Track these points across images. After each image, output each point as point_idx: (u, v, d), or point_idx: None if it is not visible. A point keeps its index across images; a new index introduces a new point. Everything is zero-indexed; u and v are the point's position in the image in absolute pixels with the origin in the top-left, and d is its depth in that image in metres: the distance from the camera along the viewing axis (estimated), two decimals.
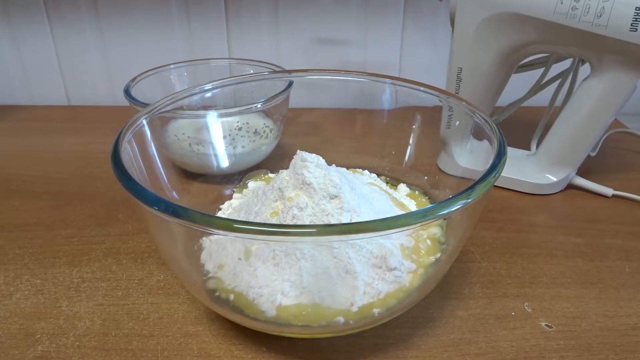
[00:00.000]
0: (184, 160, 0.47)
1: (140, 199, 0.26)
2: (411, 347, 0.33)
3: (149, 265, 0.40)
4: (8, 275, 0.39)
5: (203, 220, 0.25)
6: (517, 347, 0.33)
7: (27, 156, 0.58)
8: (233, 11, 0.69)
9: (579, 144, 0.48)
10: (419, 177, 0.45)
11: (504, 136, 0.32)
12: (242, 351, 0.32)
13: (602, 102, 0.45)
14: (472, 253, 0.41)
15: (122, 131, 0.33)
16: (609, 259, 0.41)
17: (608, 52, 0.42)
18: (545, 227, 0.45)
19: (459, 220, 0.32)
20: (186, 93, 0.40)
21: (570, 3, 0.41)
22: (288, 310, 0.30)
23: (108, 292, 0.37)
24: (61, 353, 0.32)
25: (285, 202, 0.33)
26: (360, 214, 0.34)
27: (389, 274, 0.31)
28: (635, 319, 0.35)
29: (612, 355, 0.32)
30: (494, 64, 0.46)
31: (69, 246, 0.42)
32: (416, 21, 0.69)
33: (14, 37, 0.70)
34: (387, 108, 0.46)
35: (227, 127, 0.48)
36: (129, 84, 0.49)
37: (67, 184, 0.52)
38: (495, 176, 0.29)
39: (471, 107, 0.37)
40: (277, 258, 0.31)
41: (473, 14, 0.44)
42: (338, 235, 0.26)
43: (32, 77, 0.73)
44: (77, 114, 0.71)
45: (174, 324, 0.34)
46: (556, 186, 0.50)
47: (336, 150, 0.45)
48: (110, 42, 0.71)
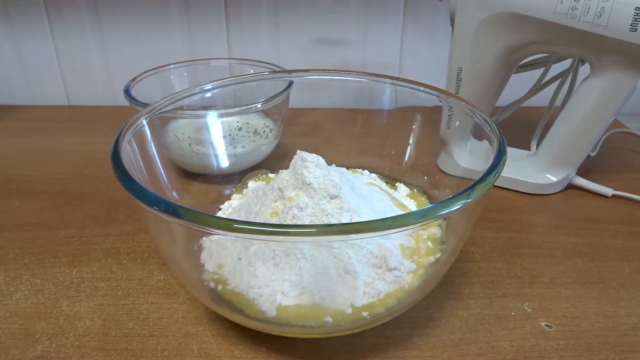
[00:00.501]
0: (184, 160, 0.47)
1: (140, 199, 0.26)
2: (411, 347, 0.33)
3: (149, 265, 0.40)
4: (8, 275, 0.39)
5: (203, 220, 0.25)
6: (517, 347, 0.33)
7: (27, 156, 0.58)
8: (233, 11, 0.69)
9: (579, 144, 0.48)
10: (419, 177, 0.45)
11: (504, 136, 0.32)
12: (242, 351, 0.32)
13: (602, 102, 0.45)
14: (472, 253, 0.41)
15: (122, 131, 0.33)
16: (609, 259, 0.41)
17: (608, 52, 0.42)
18: (545, 227, 0.45)
19: (459, 220, 0.32)
20: (186, 93, 0.40)
21: (570, 3, 0.41)
22: (288, 310, 0.30)
23: (108, 292, 0.37)
24: (61, 353, 0.32)
25: (285, 202, 0.33)
26: (360, 214, 0.34)
27: (389, 274, 0.31)
28: (635, 319, 0.35)
29: (612, 355, 0.32)
30: (494, 64, 0.46)
31: (69, 246, 0.42)
32: (416, 21, 0.69)
33: (14, 37, 0.70)
34: (387, 108, 0.46)
35: (227, 127, 0.48)
36: (129, 84, 0.49)
37: (67, 184, 0.52)
38: (495, 176, 0.29)
39: (471, 107, 0.37)
40: (277, 258, 0.31)
41: (473, 14, 0.44)
42: (338, 235, 0.26)
43: (32, 77, 0.73)
44: (77, 114, 0.71)
45: (174, 324, 0.34)
46: (556, 186, 0.50)
47: (336, 150, 0.45)
48: (110, 42, 0.71)
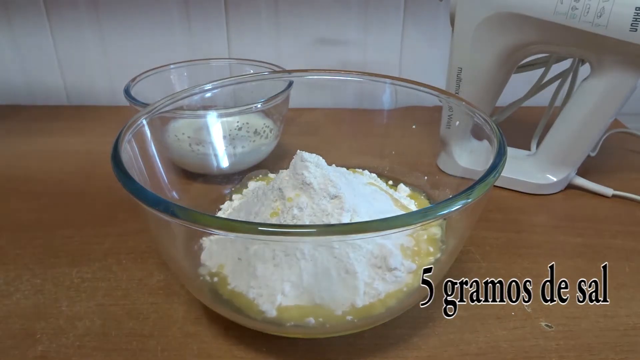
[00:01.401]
0: (184, 160, 0.47)
1: (140, 199, 0.26)
2: (411, 347, 0.33)
3: (149, 265, 0.40)
4: (8, 275, 0.39)
5: (203, 220, 0.25)
6: (517, 347, 0.33)
7: (27, 156, 0.58)
8: (233, 11, 0.68)
9: (579, 144, 0.48)
10: (419, 177, 0.45)
11: (504, 136, 0.32)
12: (242, 351, 0.32)
13: (602, 102, 0.45)
14: (472, 253, 0.41)
15: (122, 131, 0.33)
16: (609, 259, 0.41)
17: (608, 52, 0.42)
18: (545, 227, 0.45)
19: (459, 220, 0.32)
20: (186, 93, 0.40)
21: (570, 3, 0.41)
22: (288, 310, 0.30)
23: (108, 292, 0.37)
24: (61, 353, 0.32)
25: (285, 202, 0.33)
26: (360, 214, 0.34)
27: (389, 274, 0.31)
28: (635, 319, 0.35)
29: (612, 355, 0.32)
30: (494, 64, 0.46)
31: (69, 246, 0.42)
32: (416, 21, 0.69)
33: (14, 37, 0.70)
34: (387, 108, 0.46)
35: (227, 127, 0.48)
36: (129, 84, 0.49)
37: (67, 184, 0.52)
38: (495, 176, 0.29)
39: (471, 107, 0.37)
40: (277, 258, 0.31)
41: (473, 14, 0.44)
42: (338, 235, 0.26)
43: (32, 77, 0.73)
44: (77, 114, 0.71)
45: (174, 324, 0.34)
46: (556, 186, 0.50)
47: (336, 150, 0.45)
48: (110, 42, 0.71)
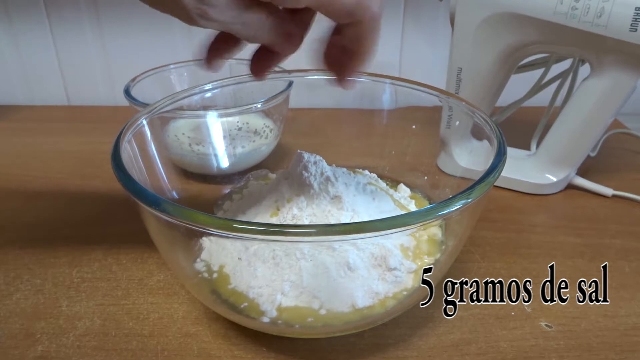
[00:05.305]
0: (184, 160, 0.47)
1: (140, 199, 0.26)
2: (411, 347, 0.33)
3: (149, 265, 0.40)
4: (8, 275, 0.39)
5: (203, 220, 0.25)
6: (517, 347, 0.33)
7: (27, 156, 0.58)
8: None
9: (579, 144, 0.48)
10: (419, 177, 0.45)
11: (504, 136, 0.32)
12: (242, 351, 0.32)
13: (602, 102, 0.45)
14: (472, 253, 0.41)
15: (122, 131, 0.33)
16: (609, 259, 0.41)
17: (608, 52, 0.42)
18: (545, 227, 0.45)
19: (459, 220, 0.32)
20: (186, 93, 0.40)
21: (570, 3, 0.41)
22: (288, 310, 0.30)
23: (108, 292, 0.37)
24: (61, 353, 0.32)
25: (285, 202, 0.33)
26: (360, 214, 0.34)
27: (389, 274, 0.31)
28: (635, 319, 0.35)
29: (612, 355, 0.32)
30: (494, 64, 0.46)
31: (69, 246, 0.42)
32: (416, 21, 0.69)
33: (14, 37, 0.70)
34: (387, 108, 0.46)
35: (227, 127, 0.48)
36: (129, 84, 0.49)
37: (67, 184, 0.52)
38: (495, 176, 0.29)
39: (471, 107, 0.37)
40: (277, 258, 0.31)
41: (473, 14, 0.44)
42: (338, 235, 0.26)
43: (32, 77, 0.73)
44: (77, 114, 0.71)
45: (174, 324, 0.34)
46: (556, 186, 0.50)
47: (336, 150, 0.45)
48: (110, 42, 0.71)
